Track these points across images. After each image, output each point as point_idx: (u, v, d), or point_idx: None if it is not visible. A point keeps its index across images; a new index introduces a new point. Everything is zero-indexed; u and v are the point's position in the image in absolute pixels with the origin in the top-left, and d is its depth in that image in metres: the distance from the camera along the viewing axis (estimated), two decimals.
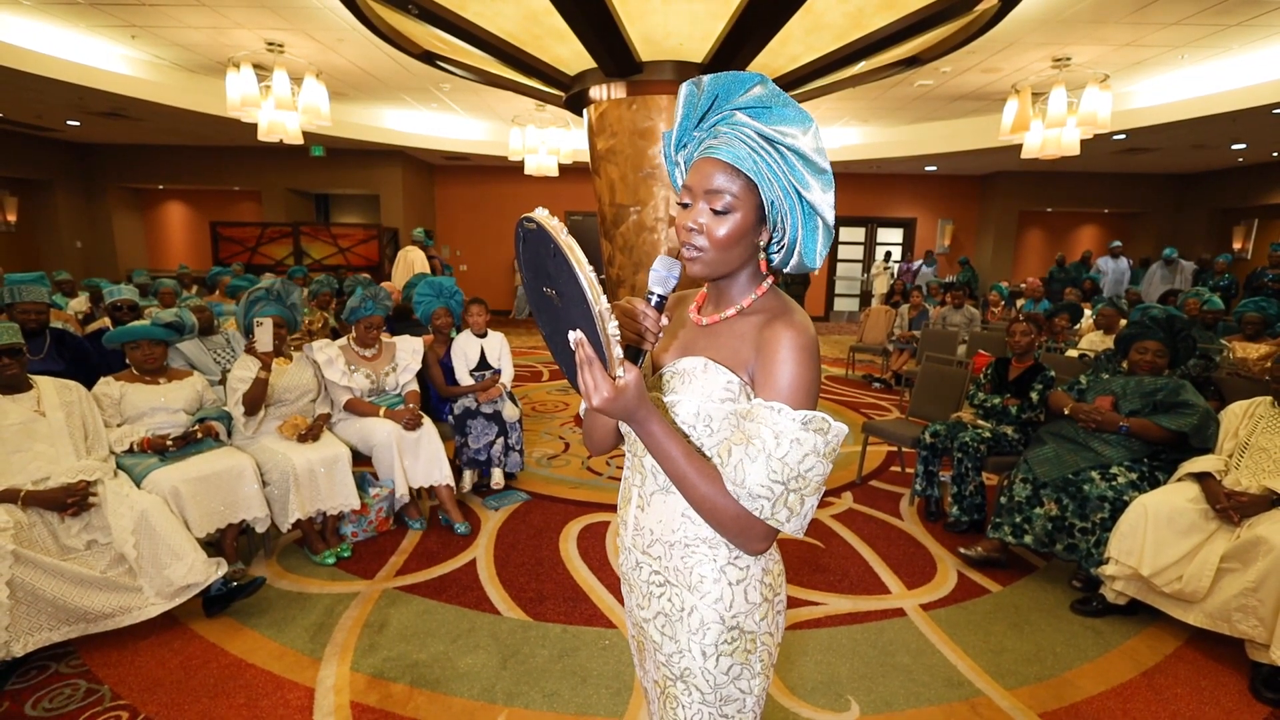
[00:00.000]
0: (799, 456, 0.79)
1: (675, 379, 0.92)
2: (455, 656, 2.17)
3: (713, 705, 0.93)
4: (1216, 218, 10.71)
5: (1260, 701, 2.00)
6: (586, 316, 0.73)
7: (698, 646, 0.92)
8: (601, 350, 0.75)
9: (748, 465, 0.80)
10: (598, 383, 0.77)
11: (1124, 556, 2.32)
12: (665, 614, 0.95)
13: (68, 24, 5.60)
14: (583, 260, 0.72)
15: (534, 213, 0.75)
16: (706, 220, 0.86)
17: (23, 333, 2.32)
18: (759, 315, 0.90)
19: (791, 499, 0.81)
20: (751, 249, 0.89)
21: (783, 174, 0.83)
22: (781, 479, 0.80)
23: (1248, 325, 4.08)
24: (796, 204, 0.84)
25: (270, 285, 3.01)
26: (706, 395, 0.88)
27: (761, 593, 0.93)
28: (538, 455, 4.21)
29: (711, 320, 0.95)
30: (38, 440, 2.22)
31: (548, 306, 0.81)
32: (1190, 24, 5.01)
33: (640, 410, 0.81)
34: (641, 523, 0.99)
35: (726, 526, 0.84)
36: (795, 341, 0.83)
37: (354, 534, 2.96)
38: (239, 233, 9.87)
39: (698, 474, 0.83)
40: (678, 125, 0.91)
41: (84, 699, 1.92)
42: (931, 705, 1.97)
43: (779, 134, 0.82)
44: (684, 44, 4.10)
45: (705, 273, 0.89)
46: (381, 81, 7.10)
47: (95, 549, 2.15)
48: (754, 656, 0.93)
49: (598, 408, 0.78)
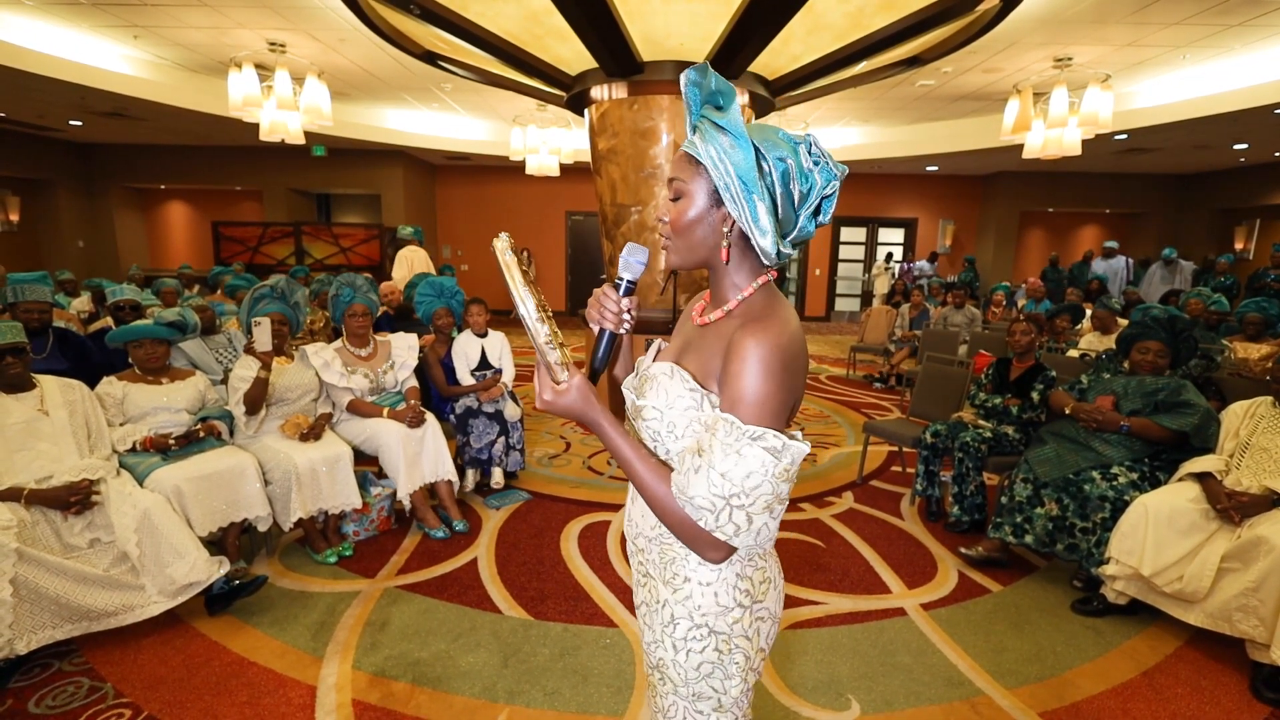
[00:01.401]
0: (744, 473, 0.77)
1: (645, 383, 0.94)
2: (456, 655, 2.17)
3: (685, 699, 0.95)
4: (1218, 218, 10.69)
5: (1261, 701, 2.00)
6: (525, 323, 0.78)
7: (669, 640, 0.93)
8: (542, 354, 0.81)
9: (692, 476, 0.80)
10: (540, 385, 0.84)
11: (1125, 556, 2.33)
12: (646, 604, 0.99)
13: (70, 24, 5.61)
14: (516, 276, 0.78)
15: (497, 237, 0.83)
16: (666, 208, 0.91)
17: (25, 332, 2.32)
18: (739, 319, 0.89)
19: (736, 515, 0.78)
20: (713, 235, 0.89)
21: (719, 154, 0.83)
22: (723, 494, 0.77)
23: (1249, 325, 4.08)
24: (736, 183, 0.83)
25: (274, 284, 3.02)
26: (668, 402, 0.89)
27: (735, 597, 0.91)
28: (539, 455, 4.22)
29: (702, 321, 0.96)
30: (41, 439, 2.23)
31: None
32: (1192, 24, 5.01)
33: (588, 412, 0.84)
34: (631, 514, 1.04)
35: (676, 531, 0.84)
36: (757, 352, 0.79)
37: (355, 533, 2.97)
38: (241, 232, 9.88)
39: (651, 475, 0.85)
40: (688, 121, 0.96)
41: (87, 697, 1.93)
42: (932, 704, 1.97)
43: (715, 114, 0.86)
44: (685, 44, 4.10)
45: (676, 261, 0.92)
46: (383, 81, 7.11)
47: (98, 547, 2.16)
48: (728, 658, 0.92)
49: (539, 408, 0.85)
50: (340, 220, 12.00)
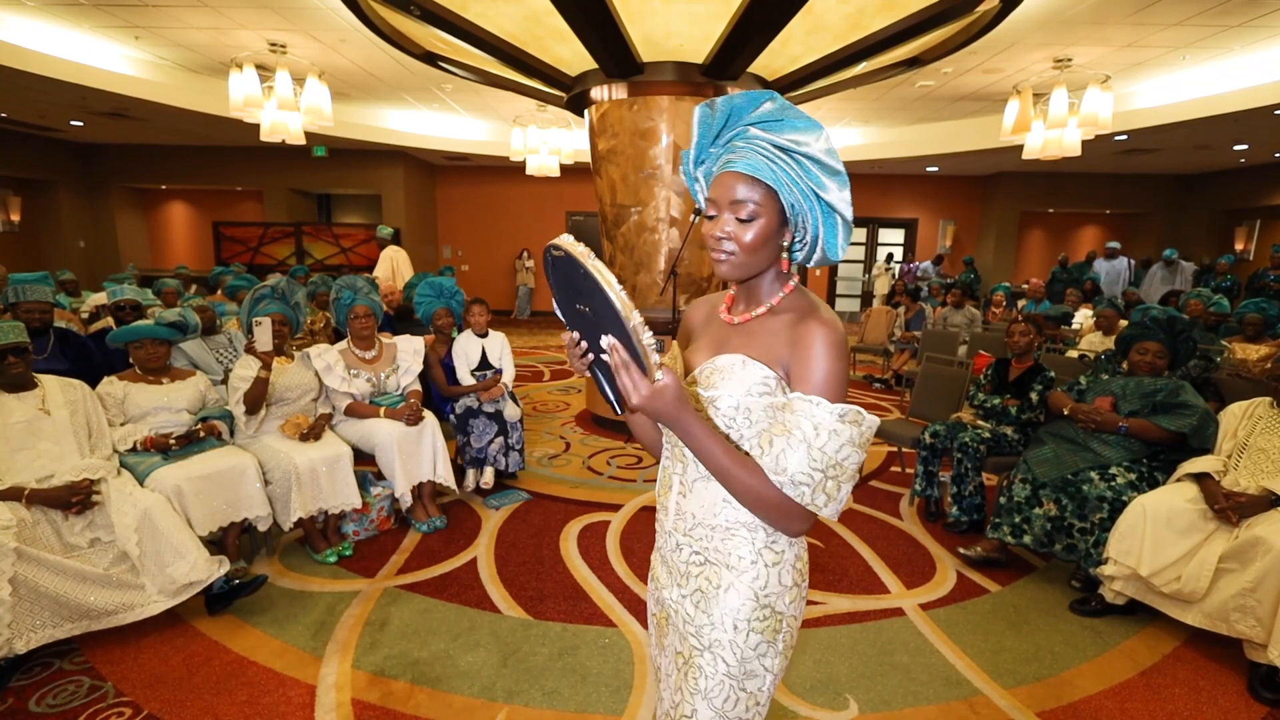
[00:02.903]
0: (836, 446, 0.86)
1: (715, 375, 0.98)
2: (456, 654, 2.18)
3: (735, 678, 0.98)
4: (1218, 218, 10.69)
5: (1258, 701, 2.00)
6: (621, 329, 0.79)
7: (730, 619, 0.98)
8: (638, 357, 0.81)
9: (789, 454, 0.87)
10: (636, 383, 0.82)
11: (1123, 557, 2.33)
12: (702, 590, 1.01)
13: (71, 25, 5.62)
14: (611, 280, 0.78)
15: (560, 240, 0.82)
16: (733, 228, 0.93)
17: (27, 332, 2.33)
18: (789, 313, 0.97)
19: (829, 485, 0.88)
20: (776, 249, 0.96)
21: (799, 178, 0.89)
22: (820, 467, 0.86)
23: (1249, 326, 4.08)
24: (815, 204, 0.91)
25: (275, 284, 3.03)
26: (745, 389, 0.95)
27: (793, 577, 1.00)
28: (539, 455, 4.22)
29: (743, 319, 1.01)
30: (42, 439, 2.24)
31: (582, 319, 0.87)
32: (1192, 25, 5.01)
33: (679, 410, 0.86)
34: (683, 508, 1.04)
35: (768, 512, 0.90)
36: (828, 338, 0.89)
37: (355, 533, 2.98)
38: (241, 232, 9.90)
39: (738, 466, 0.89)
40: (695, 144, 0.99)
41: (87, 696, 1.94)
42: (930, 704, 1.98)
43: (792, 143, 0.89)
44: (685, 45, 4.11)
45: (735, 275, 0.96)
46: (383, 82, 7.12)
47: (98, 547, 2.17)
48: (780, 636, 1.00)
49: (636, 406, 0.84)
50: (341, 220, 12.01)
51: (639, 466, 4.06)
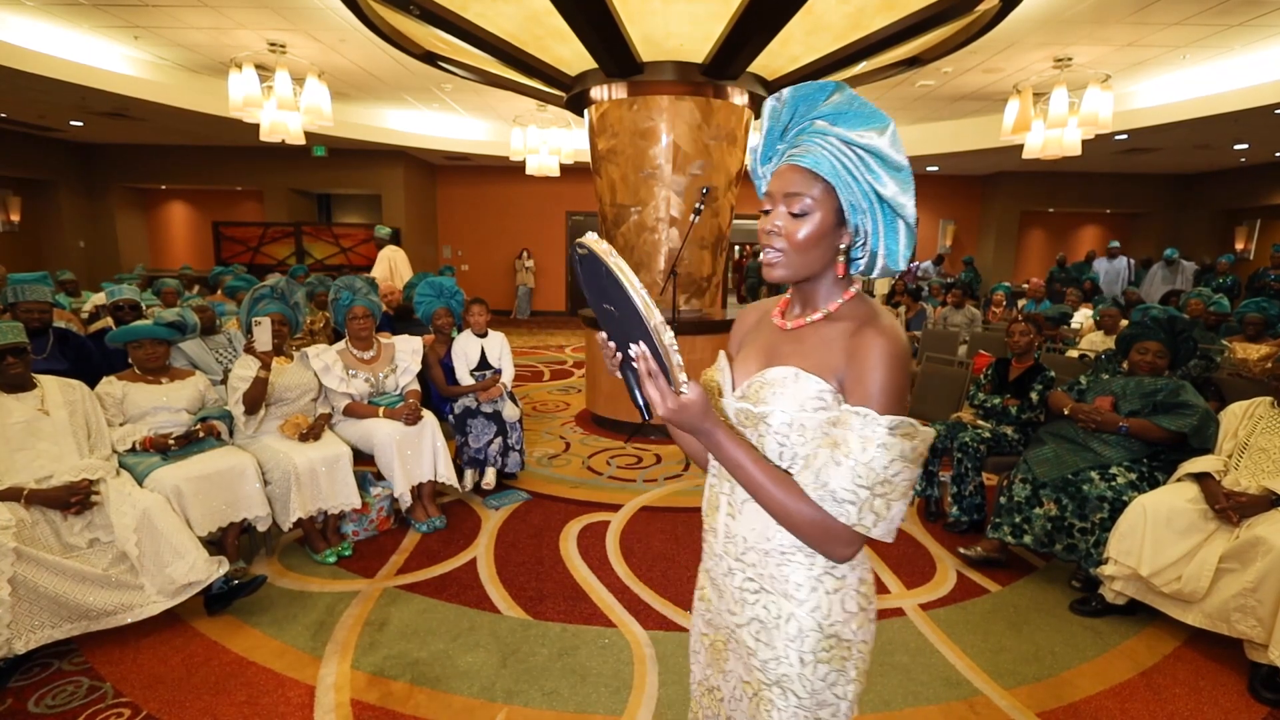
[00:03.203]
0: (885, 461, 0.80)
1: (765, 389, 0.92)
2: (455, 655, 2.18)
3: (808, 710, 0.93)
4: (1219, 218, 10.69)
5: (1259, 702, 2.00)
6: (644, 332, 0.76)
7: (795, 653, 0.92)
8: (662, 364, 0.78)
9: (833, 470, 0.81)
10: (663, 394, 0.79)
11: (1123, 556, 2.33)
12: (760, 620, 0.95)
13: (70, 24, 5.62)
14: (634, 281, 0.75)
15: (585, 238, 0.79)
16: (784, 223, 0.88)
17: (26, 332, 2.33)
18: (847, 321, 0.90)
19: (878, 504, 0.81)
20: (831, 251, 0.90)
21: (861, 176, 0.85)
22: (867, 484, 0.80)
23: (1249, 326, 4.07)
24: (876, 206, 0.86)
25: (274, 284, 3.03)
26: (799, 405, 0.88)
27: (858, 602, 0.93)
28: (538, 455, 4.22)
29: (797, 324, 0.95)
30: (41, 439, 2.24)
31: (610, 320, 0.84)
32: (1192, 24, 5.01)
33: (705, 422, 0.82)
34: (734, 530, 0.98)
35: (804, 532, 0.84)
36: (887, 349, 0.84)
37: (355, 533, 2.98)
38: (241, 232, 9.90)
39: (771, 481, 0.84)
40: (763, 139, 0.95)
41: (86, 696, 1.94)
42: (930, 704, 1.97)
43: (857, 136, 0.85)
44: (685, 44, 4.11)
45: (786, 275, 0.90)
46: (383, 82, 7.12)
47: (97, 547, 2.17)
48: (849, 664, 0.93)
49: (662, 418, 0.80)
50: (341, 220, 12.01)
51: (639, 466, 4.06)
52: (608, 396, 4.82)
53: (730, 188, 4.86)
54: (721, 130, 4.55)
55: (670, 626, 2.35)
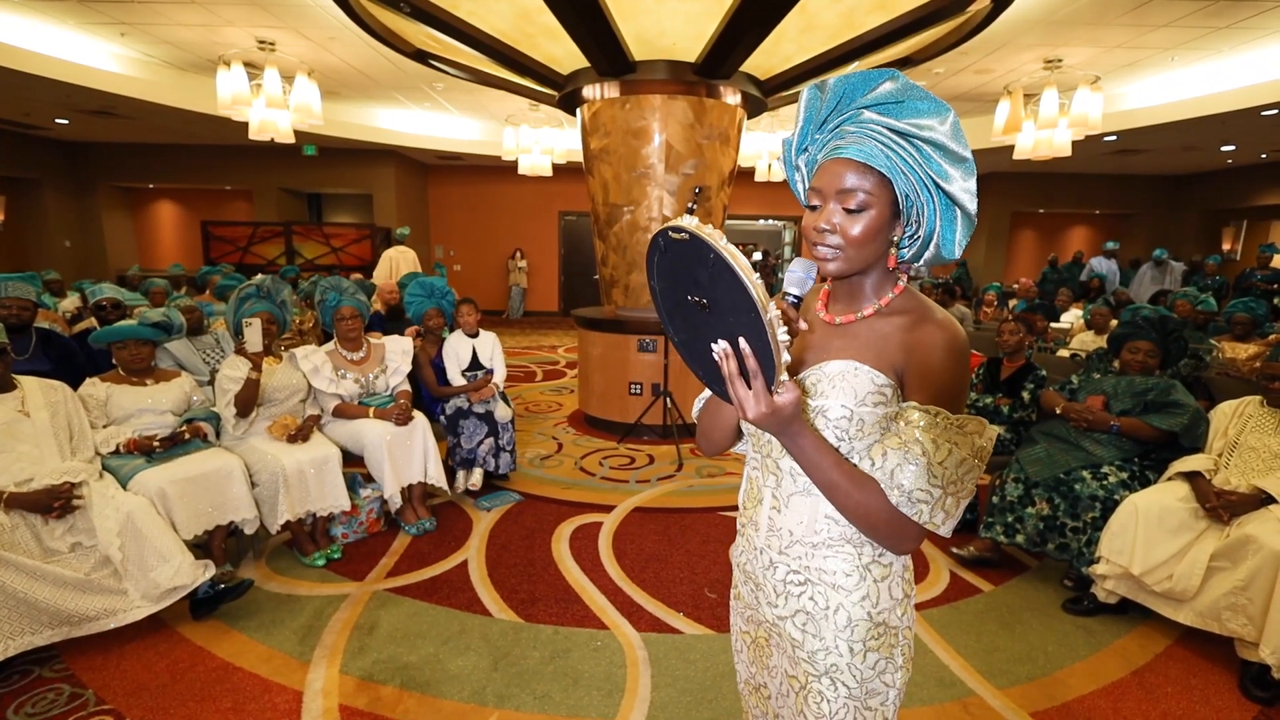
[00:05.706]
0: (956, 461, 0.81)
1: (823, 382, 0.91)
2: (446, 658, 2.15)
3: (859, 699, 0.94)
4: (1207, 219, 10.79)
5: (1250, 700, 2.00)
6: (752, 325, 0.71)
7: (845, 643, 0.92)
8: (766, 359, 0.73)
9: (906, 469, 0.81)
10: (758, 395, 0.75)
11: (1115, 556, 2.33)
12: (807, 612, 0.95)
13: (56, 21, 5.54)
14: (747, 266, 0.69)
15: (681, 220, 0.73)
16: (840, 220, 0.86)
17: (7, 330, 2.28)
18: (902, 315, 0.90)
19: (949, 502, 0.82)
20: (885, 244, 0.89)
21: (919, 167, 0.82)
22: (940, 483, 0.81)
23: (1237, 325, 4.10)
24: (934, 196, 0.84)
25: (260, 283, 2.99)
26: (858, 399, 0.88)
27: (903, 588, 0.95)
28: (530, 456, 4.19)
29: (846, 319, 0.93)
30: (21, 441, 2.19)
31: (690, 314, 0.79)
32: (1181, 26, 5.05)
33: (794, 425, 0.80)
34: (778, 524, 0.97)
35: (879, 529, 0.85)
36: (950, 344, 0.84)
37: (344, 535, 2.94)
38: (230, 232, 9.81)
39: (850, 482, 0.83)
40: (798, 130, 0.92)
41: (68, 703, 1.90)
42: (923, 705, 1.97)
43: (914, 127, 0.82)
44: (677, 43, 4.10)
45: (843, 270, 0.89)
46: (374, 80, 7.07)
47: (80, 551, 2.12)
48: (897, 650, 0.95)
49: (752, 420, 0.77)
50: (331, 220, 11.93)
51: (631, 467, 4.04)
52: (600, 397, 4.80)
53: (723, 187, 4.85)
54: (714, 130, 4.55)
55: (663, 628, 2.34)
